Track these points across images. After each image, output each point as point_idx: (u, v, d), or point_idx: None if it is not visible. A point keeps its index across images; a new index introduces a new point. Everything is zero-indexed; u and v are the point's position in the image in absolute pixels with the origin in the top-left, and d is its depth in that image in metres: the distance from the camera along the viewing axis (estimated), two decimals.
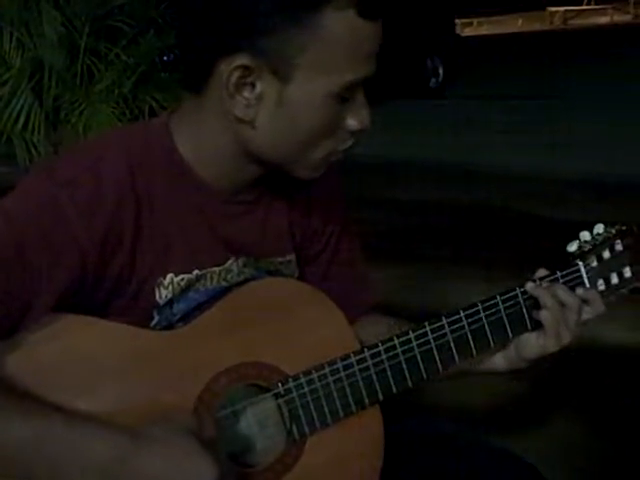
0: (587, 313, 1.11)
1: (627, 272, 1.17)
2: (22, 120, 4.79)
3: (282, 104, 0.94)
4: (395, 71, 9.48)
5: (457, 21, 13.67)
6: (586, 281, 1.14)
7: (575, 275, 1.13)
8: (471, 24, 25.81)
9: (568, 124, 7.82)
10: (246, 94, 0.94)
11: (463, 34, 16.56)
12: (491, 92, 10.92)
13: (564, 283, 1.12)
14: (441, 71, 11.44)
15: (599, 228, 1.17)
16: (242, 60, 0.92)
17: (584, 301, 1.11)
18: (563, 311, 1.08)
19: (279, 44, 0.91)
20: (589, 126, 7.63)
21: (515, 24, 27.22)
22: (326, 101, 0.94)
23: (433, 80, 11.41)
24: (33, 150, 4.82)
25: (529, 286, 1.10)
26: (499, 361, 1.13)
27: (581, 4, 27.52)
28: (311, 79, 0.93)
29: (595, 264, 1.15)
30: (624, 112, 8.16)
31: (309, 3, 0.90)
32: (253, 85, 0.94)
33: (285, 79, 0.93)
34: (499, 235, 4.45)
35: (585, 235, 1.16)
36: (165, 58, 5.41)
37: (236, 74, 0.92)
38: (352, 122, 0.99)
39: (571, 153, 6.48)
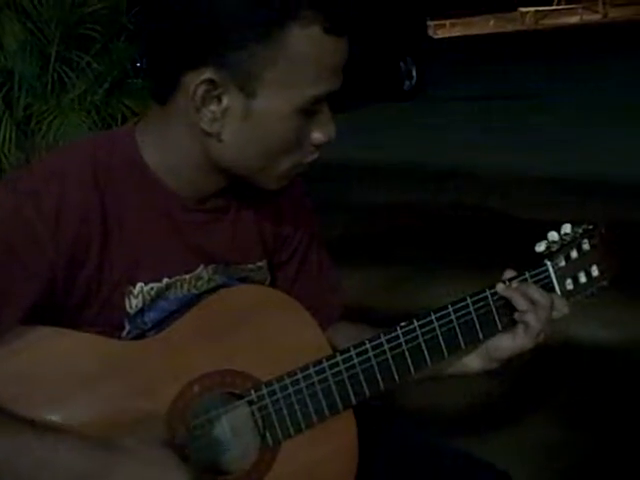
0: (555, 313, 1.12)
1: (595, 271, 1.19)
2: None
3: (248, 118, 0.95)
4: (368, 74, 9.51)
5: (429, 23, 13.71)
6: (554, 281, 1.15)
7: (544, 275, 1.15)
8: (444, 26, 25.93)
9: (541, 124, 7.88)
10: (212, 107, 0.94)
11: (436, 36, 16.64)
12: (465, 93, 10.97)
13: (534, 283, 1.13)
14: (414, 73, 11.48)
15: (566, 228, 1.18)
16: (208, 74, 0.92)
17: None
18: (535, 309, 1.09)
19: (245, 59, 0.91)
20: (562, 125, 7.70)
21: (487, 25, 27.40)
22: (291, 115, 0.95)
23: (407, 83, 11.44)
24: (4, 160, 4.77)
25: (500, 287, 1.11)
26: (471, 363, 1.14)
27: (551, 4, 27.76)
28: (277, 94, 0.94)
29: (563, 264, 1.16)
30: (596, 111, 8.24)
31: (275, 19, 0.90)
32: (219, 99, 0.94)
33: (251, 94, 0.93)
34: (473, 237, 4.47)
35: (553, 235, 1.17)
36: (138, 64, 5.38)
37: (202, 88, 0.93)
38: (317, 135, 1.00)
39: (542, 153, 6.52)
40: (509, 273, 1.14)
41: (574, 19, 25.92)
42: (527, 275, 1.14)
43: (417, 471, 1.18)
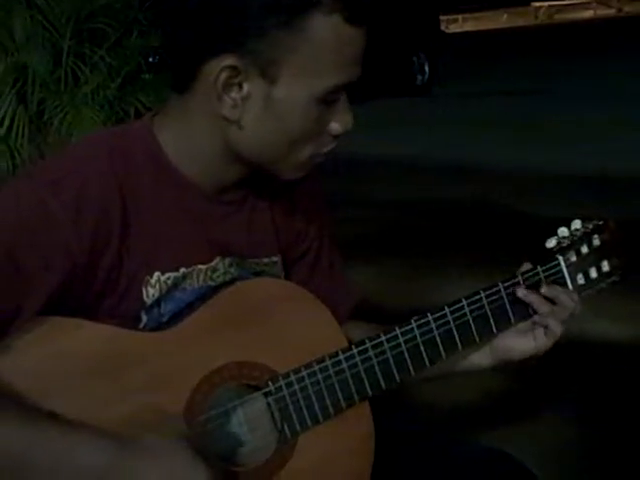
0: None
1: (605, 266, 1.19)
2: (6, 125, 4.77)
3: (268, 105, 0.96)
4: (381, 69, 9.49)
5: (442, 18, 13.68)
6: (566, 276, 1.15)
7: (555, 269, 1.15)
8: (456, 20, 25.86)
9: (553, 119, 7.85)
10: (233, 94, 0.95)
11: (448, 31, 16.60)
12: (477, 89, 10.94)
13: (545, 277, 1.14)
14: (427, 68, 11.45)
15: (576, 224, 1.19)
16: (230, 61, 0.93)
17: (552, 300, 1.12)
18: (557, 313, 1.11)
19: (267, 46, 0.92)
20: (574, 121, 7.66)
21: (500, 20, 27.29)
22: (311, 103, 0.96)
23: (419, 77, 11.42)
24: (17, 154, 4.79)
25: (521, 293, 1.12)
26: (485, 360, 1.15)
27: None
28: (297, 81, 0.95)
29: (574, 259, 1.17)
30: (609, 106, 8.19)
31: (297, 7, 0.91)
32: (240, 86, 0.95)
33: (272, 80, 0.94)
34: (485, 233, 4.46)
35: (563, 231, 1.18)
36: (150, 59, 5.39)
37: (224, 75, 0.94)
38: (335, 125, 1.01)
39: (555, 148, 6.50)
40: (526, 266, 1.14)
41: (588, 14, 25.79)
42: (539, 269, 1.14)
43: (433, 464, 1.18)
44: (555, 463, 2.21)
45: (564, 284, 1.15)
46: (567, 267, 1.16)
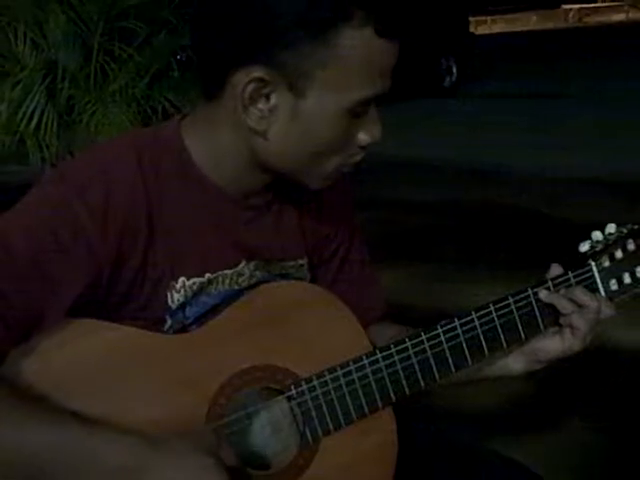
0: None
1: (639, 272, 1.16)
2: (35, 120, 4.81)
3: (295, 117, 0.95)
4: (409, 70, 9.46)
5: (471, 19, 13.60)
6: (598, 281, 1.13)
7: (587, 275, 1.13)
8: (485, 22, 25.70)
9: (583, 123, 7.78)
10: (260, 106, 0.94)
11: (477, 32, 16.51)
12: (505, 91, 10.88)
13: (577, 283, 1.11)
14: (455, 70, 11.40)
15: (611, 228, 1.16)
16: (258, 72, 0.92)
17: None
18: (582, 312, 1.08)
19: (296, 59, 0.91)
20: (606, 124, 7.58)
21: (529, 22, 27.09)
22: (339, 116, 0.95)
23: (447, 79, 11.37)
24: (45, 150, 4.83)
25: (543, 294, 1.09)
26: (515, 365, 1.13)
27: (596, 1, 27.39)
28: (325, 94, 0.93)
29: (607, 264, 1.14)
30: (637, 112, 8.10)
31: (328, 20, 0.90)
32: (267, 97, 0.94)
33: (300, 93, 0.93)
34: (510, 236, 4.43)
35: (597, 235, 1.15)
36: (179, 57, 5.42)
37: (251, 86, 0.93)
38: (363, 137, 0.99)
39: (585, 152, 6.44)
40: (555, 269, 1.12)
41: (619, 17, 25.52)
42: (570, 275, 1.12)
43: (452, 472, 1.17)
44: (579, 472, 2.19)
45: (596, 290, 1.13)
46: (599, 272, 1.13)
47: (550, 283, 1.10)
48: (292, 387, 1.00)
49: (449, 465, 1.18)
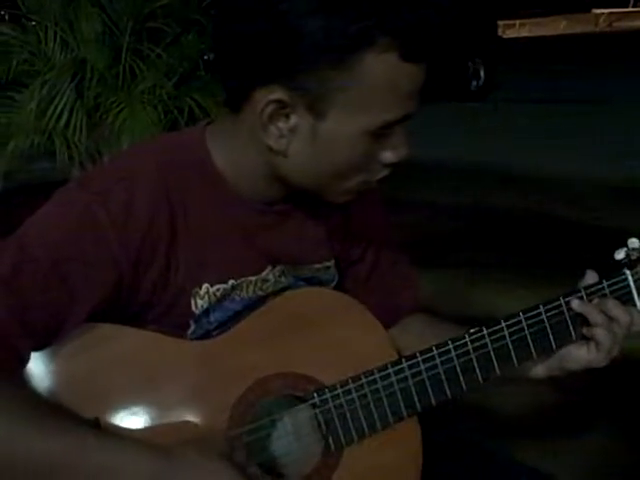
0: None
1: None
2: (64, 119, 4.84)
3: (315, 138, 0.93)
4: (435, 74, 9.42)
5: (499, 23, 13.52)
6: (634, 291, 1.10)
7: (622, 284, 1.10)
8: (513, 26, 25.53)
9: (612, 129, 7.69)
10: (280, 124, 0.93)
11: (505, 36, 16.41)
12: (533, 95, 10.79)
13: (611, 292, 1.09)
14: (482, 74, 11.33)
15: None
16: (278, 94, 0.91)
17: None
18: (610, 326, 1.05)
19: (317, 83, 0.89)
20: (634, 132, 7.48)
21: (558, 26, 26.88)
22: (360, 138, 0.93)
23: (474, 83, 11.31)
24: (73, 148, 4.86)
25: (575, 304, 1.07)
26: (538, 370, 1.11)
27: (627, 6, 27.11)
28: (347, 117, 0.91)
29: None
30: None
31: (351, 46, 0.88)
32: (287, 117, 0.93)
33: (320, 115, 0.92)
34: (536, 241, 4.39)
35: (634, 242, 1.12)
36: (206, 58, 5.44)
37: (271, 106, 0.92)
38: (388, 155, 0.97)
39: (614, 159, 6.36)
40: (590, 276, 1.10)
41: None
42: (604, 284, 1.09)
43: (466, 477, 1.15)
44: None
45: (631, 300, 1.10)
46: (635, 282, 1.10)
47: (583, 292, 1.08)
48: (315, 395, 0.99)
49: (474, 470, 1.16)
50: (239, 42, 0.92)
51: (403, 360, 1.02)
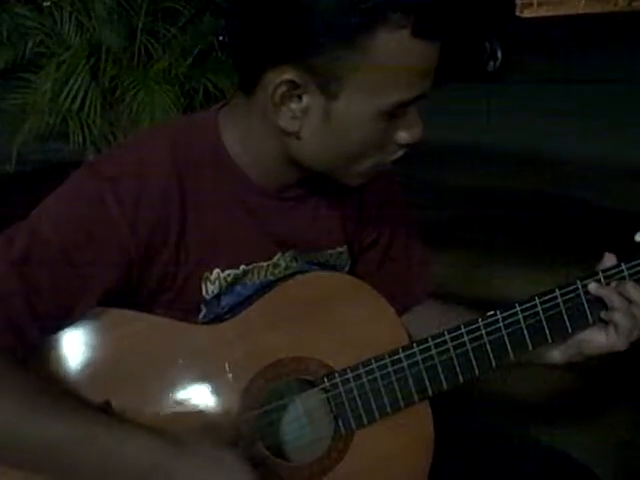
0: None
1: None
2: (79, 100, 4.85)
3: (328, 119, 0.92)
4: (451, 54, 9.34)
5: (517, 2, 13.37)
6: None
7: None
8: (531, 5, 25.26)
9: (632, 111, 7.59)
10: (292, 106, 0.92)
11: (523, 15, 16.23)
12: (551, 76, 10.68)
13: (630, 276, 1.07)
14: (499, 54, 11.21)
15: None
16: (290, 75, 0.89)
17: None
18: (629, 308, 1.04)
19: (329, 63, 0.88)
20: None
21: (577, 5, 26.56)
22: (373, 118, 0.92)
23: (491, 63, 11.19)
24: (87, 130, 4.87)
25: (592, 287, 1.05)
26: (557, 355, 1.10)
27: None
28: (359, 97, 0.90)
29: None
30: None
31: (362, 23, 0.86)
32: (300, 98, 0.91)
33: (332, 95, 0.90)
34: (554, 224, 4.35)
35: None
36: (221, 38, 5.42)
37: (282, 87, 0.90)
38: (403, 135, 0.96)
39: (635, 141, 6.28)
40: (608, 258, 1.08)
41: None
42: (623, 267, 1.07)
43: (493, 464, 1.14)
44: (620, 468, 2.14)
45: None
46: None
47: (601, 275, 1.06)
48: (325, 379, 0.99)
49: (489, 452, 1.15)
50: (250, 22, 0.91)
51: (414, 345, 1.02)
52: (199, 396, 0.94)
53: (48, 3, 5.15)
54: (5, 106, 4.93)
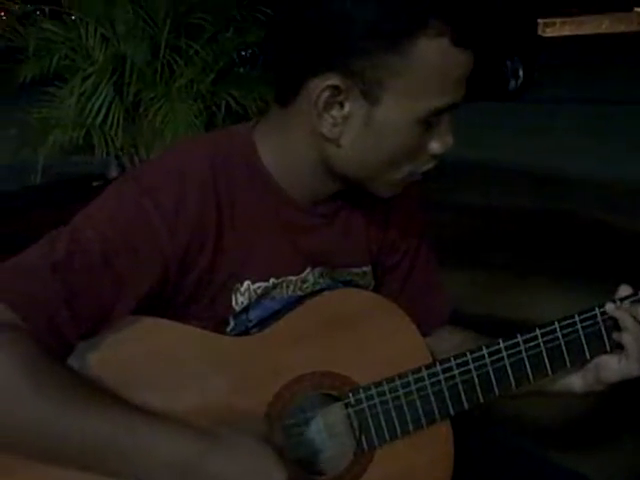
0: None
1: None
2: (102, 114, 4.90)
3: (368, 125, 0.95)
4: (473, 72, 9.35)
5: (539, 21, 13.38)
6: None
7: None
8: (553, 24, 25.25)
9: None
10: (334, 113, 0.95)
11: (545, 34, 16.23)
12: (572, 95, 10.66)
13: None
14: (521, 73, 11.21)
15: None
16: (333, 80, 0.93)
17: None
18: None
19: (371, 67, 0.91)
20: None
21: (600, 25, 26.52)
22: (412, 125, 0.95)
23: (512, 82, 11.19)
24: (111, 143, 4.92)
25: (609, 307, 1.07)
26: (576, 383, 1.11)
27: None
28: (400, 103, 0.93)
29: None
30: None
31: (405, 30, 0.90)
32: (342, 105, 0.94)
33: (373, 101, 0.93)
34: (570, 244, 4.34)
35: None
36: (243, 53, 5.47)
37: (326, 94, 0.93)
38: (435, 145, 0.99)
39: None
40: (623, 290, 1.09)
41: None
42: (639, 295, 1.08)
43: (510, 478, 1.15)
44: None
45: None
46: None
47: (618, 302, 1.08)
48: (350, 394, 1.00)
49: (509, 473, 1.16)
50: (293, 31, 0.94)
51: (437, 364, 1.03)
52: (226, 408, 0.95)
53: (73, 18, 5.22)
54: (30, 119, 4.99)
